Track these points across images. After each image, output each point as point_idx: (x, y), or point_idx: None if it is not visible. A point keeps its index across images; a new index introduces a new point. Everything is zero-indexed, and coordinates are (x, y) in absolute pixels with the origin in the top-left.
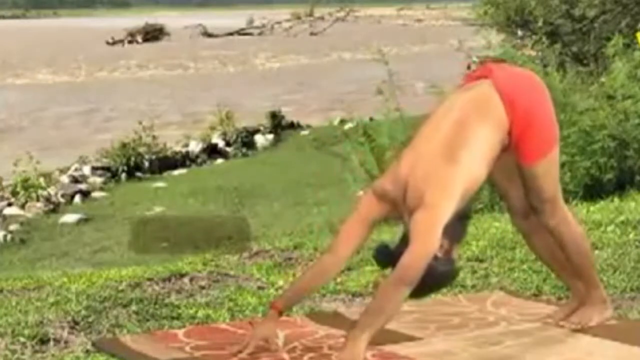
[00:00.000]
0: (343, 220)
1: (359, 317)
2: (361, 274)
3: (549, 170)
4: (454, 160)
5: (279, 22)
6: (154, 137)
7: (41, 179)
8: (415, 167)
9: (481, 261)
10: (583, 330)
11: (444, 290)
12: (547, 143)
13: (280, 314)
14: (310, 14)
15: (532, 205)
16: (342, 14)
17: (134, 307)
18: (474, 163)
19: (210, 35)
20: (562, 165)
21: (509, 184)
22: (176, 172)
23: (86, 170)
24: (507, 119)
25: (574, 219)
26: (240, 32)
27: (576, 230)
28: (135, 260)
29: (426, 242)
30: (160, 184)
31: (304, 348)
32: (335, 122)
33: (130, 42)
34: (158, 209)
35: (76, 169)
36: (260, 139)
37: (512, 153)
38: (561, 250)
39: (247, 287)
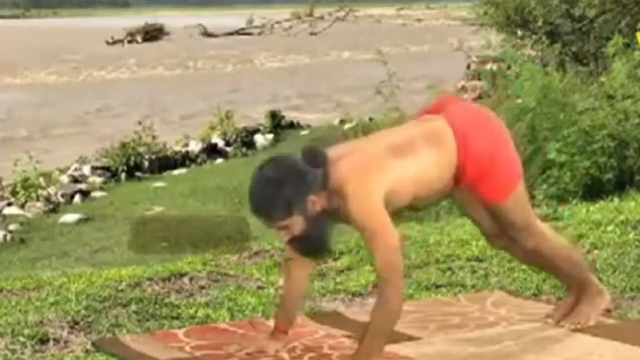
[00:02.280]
0: None
1: (362, 340)
2: (361, 274)
3: (517, 204)
4: (385, 167)
5: (279, 22)
6: (154, 137)
7: (41, 179)
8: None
9: (481, 261)
10: (583, 330)
11: (444, 290)
12: (510, 181)
13: (287, 332)
14: (311, 14)
15: (508, 234)
16: (342, 14)
17: (134, 307)
18: (404, 176)
19: (210, 35)
20: (562, 165)
21: (472, 211)
22: (176, 172)
23: (86, 170)
24: (456, 157)
25: (552, 232)
26: (240, 32)
27: (558, 245)
28: (135, 261)
29: (384, 243)
30: (160, 184)
31: (304, 348)
32: (335, 122)
33: (130, 42)
34: (158, 209)
35: (76, 169)
36: (260, 139)
37: (470, 190)
38: (548, 265)
39: (247, 287)
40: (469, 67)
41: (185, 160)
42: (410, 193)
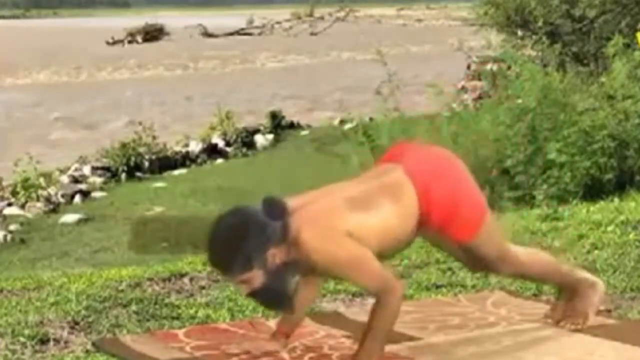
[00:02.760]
0: None
1: (362, 341)
2: None
3: (486, 239)
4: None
5: (279, 22)
6: (154, 137)
7: (41, 179)
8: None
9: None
10: (583, 330)
11: (444, 290)
12: (476, 219)
13: (288, 336)
14: (311, 14)
15: (483, 265)
16: (342, 14)
17: (134, 307)
18: (365, 227)
19: (210, 35)
20: (562, 165)
21: (443, 247)
22: (176, 172)
23: (86, 170)
24: (418, 205)
25: (529, 254)
26: (240, 32)
27: (536, 264)
28: (135, 261)
29: (365, 270)
30: (160, 184)
31: (305, 348)
32: (335, 122)
33: (130, 42)
34: (158, 209)
35: (76, 169)
36: (260, 139)
37: (436, 233)
38: (535, 279)
39: None
40: (469, 67)
41: (185, 160)
42: (374, 245)
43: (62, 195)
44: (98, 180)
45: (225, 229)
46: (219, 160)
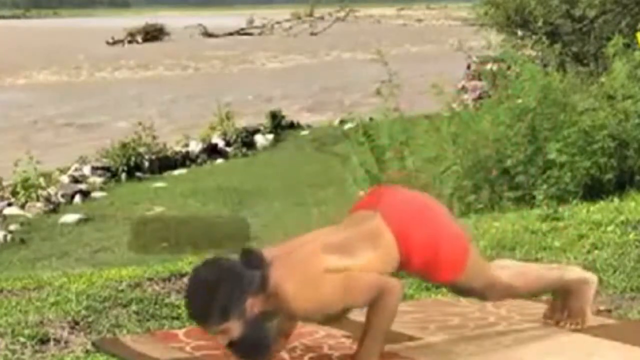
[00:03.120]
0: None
1: (361, 342)
2: None
3: (471, 274)
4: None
5: (279, 22)
6: (154, 137)
7: (41, 179)
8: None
9: None
10: (583, 330)
11: (444, 290)
12: (458, 259)
13: (288, 336)
14: (311, 14)
15: (471, 296)
16: (342, 14)
17: (134, 307)
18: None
19: (210, 35)
20: (562, 165)
21: (431, 282)
22: (176, 172)
23: (86, 170)
24: (397, 252)
25: (512, 273)
26: (240, 32)
27: (522, 284)
28: (135, 260)
29: (359, 293)
30: (160, 184)
31: (304, 348)
32: (335, 122)
33: (130, 42)
34: (158, 209)
35: (76, 169)
36: (260, 139)
37: (420, 275)
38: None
39: None
40: (469, 67)
41: (185, 160)
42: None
43: (62, 195)
44: (98, 180)
45: (202, 279)
46: (219, 160)
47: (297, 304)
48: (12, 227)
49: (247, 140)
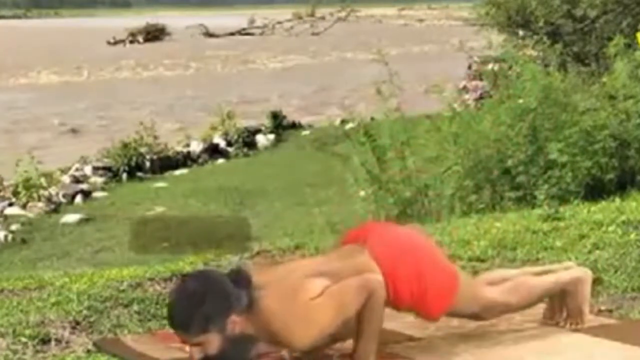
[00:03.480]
0: (344, 220)
1: (357, 344)
2: None
3: (464, 304)
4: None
5: (280, 22)
6: (155, 137)
7: (42, 179)
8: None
9: (482, 261)
10: (583, 330)
11: None
12: (447, 292)
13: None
14: (312, 14)
15: (467, 319)
16: (343, 14)
17: (135, 307)
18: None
19: (211, 35)
20: (564, 165)
21: None
22: (177, 172)
23: (87, 170)
24: (385, 288)
25: (506, 289)
26: (241, 32)
27: (517, 300)
28: (136, 260)
29: (350, 300)
30: (161, 184)
31: None
32: (336, 122)
33: (131, 42)
34: (159, 209)
35: (77, 169)
36: (261, 139)
37: (411, 310)
38: None
39: None
40: (470, 67)
41: (186, 160)
42: (338, 321)
43: (64, 195)
44: (99, 180)
45: (189, 288)
46: (220, 160)
47: (299, 340)
48: (13, 227)
49: (248, 140)
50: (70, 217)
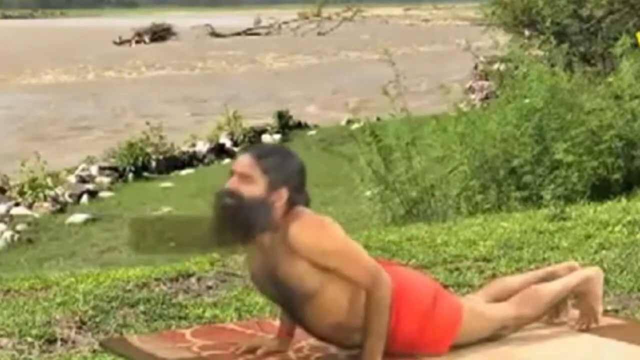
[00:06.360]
0: (349, 220)
1: (364, 343)
2: None
3: (475, 334)
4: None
5: (286, 22)
6: (161, 137)
7: (48, 179)
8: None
9: (488, 261)
10: (590, 330)
11: (452, 290)
12: (449, 331)
13: (292, 335)
14: (318, 14)
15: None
16: (349, 14)
17: (141, 307)
18: None
19: (217, 35)
20: (570, 165)
21: None
22: (183, 172)
23: (93, 170)
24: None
25: (515, 303)
26: (247, 32)
27: (528, 313)
28: (142, 261)
29: (360, 264)
30: (167, 184)
31: (311, 348)
32: (343, 122)
33: (137, 42)
34: (165, 209)
35: (83, 169)
36: (267, 139)
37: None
38: None
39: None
40: (476, 67)
41: (192, 160)
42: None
43: (70, 195)
44: (105, 180)
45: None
46: (227, 160)
47: (299, 237)
48: (19, 227)
49: (254, 140)
50: (77, 217)
